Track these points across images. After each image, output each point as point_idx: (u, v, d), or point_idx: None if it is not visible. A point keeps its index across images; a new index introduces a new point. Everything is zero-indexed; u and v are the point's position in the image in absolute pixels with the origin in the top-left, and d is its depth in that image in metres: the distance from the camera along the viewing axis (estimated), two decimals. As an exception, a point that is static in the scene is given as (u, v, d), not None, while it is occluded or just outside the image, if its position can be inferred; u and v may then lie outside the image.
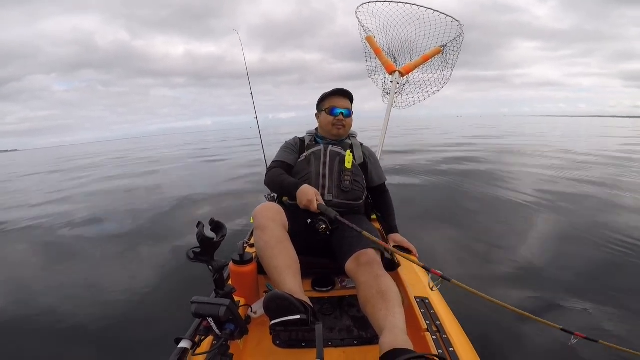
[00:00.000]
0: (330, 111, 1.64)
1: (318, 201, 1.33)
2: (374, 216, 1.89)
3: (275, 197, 1.90)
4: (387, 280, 1.12)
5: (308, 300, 1.07)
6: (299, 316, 0.96)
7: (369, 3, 2.80)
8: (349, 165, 1.56)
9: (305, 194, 1.35)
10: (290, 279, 1.15)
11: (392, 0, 2.75)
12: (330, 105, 1.65)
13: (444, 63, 2.74)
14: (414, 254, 1.57)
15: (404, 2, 2.74)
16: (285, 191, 1.51)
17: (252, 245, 1.59)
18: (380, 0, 2.78)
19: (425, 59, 2.69)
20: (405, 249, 1.59)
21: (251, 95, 2.97)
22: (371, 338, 1.27)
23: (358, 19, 2.81)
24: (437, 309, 1.13)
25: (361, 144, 1.75)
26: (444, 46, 2.70)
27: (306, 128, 1.83)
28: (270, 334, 1.27)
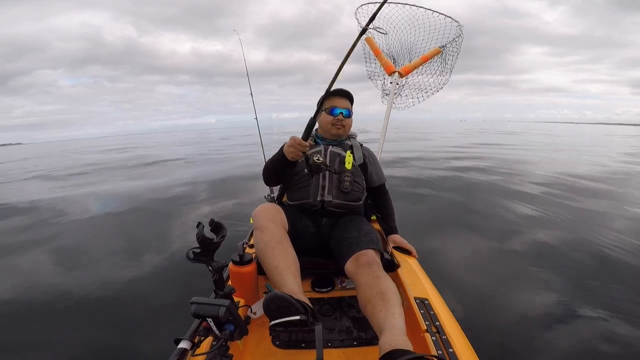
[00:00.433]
0: (330, 111, 1.64)
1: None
2: (374, 217, 1.89)
3: (275, 198, 1.90)
4: (387, 281, 1.12)
5: (308, 301, 1.07)
6: (298, 317, 0.96)
7: (368, 4, 2.80)
8: (349, 166, 1.56)
9: (288, 142, 1.43)
10: (290, 279, 1.15)
11: (392, 1, 2.75)
12: (330, 105, 1.65)
13: (443, 64, 2.74)
14: (413, 255, 1.57)
15: (403, 3, 2.75)
16: (275, 163, 1.53)
17: (252, 246, 1.59)
18: (380, 1, 2.78)
19: (425, 60, 2.69)
20: (405, 250, 1.60)
21: (251, 96, 2.97)
22: (371, 339, 1.27)
23: (357, 20, 2.81)
24: (437, 309, 1.13)
25: (361, 145, 1.75)
26: (443, 47, 2.71)
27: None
28: (270, 334, 1.27)
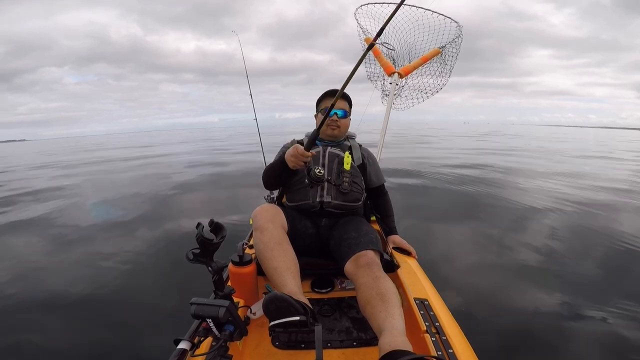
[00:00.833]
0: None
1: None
2: (373, 217, 1.89)
3: (275, 199, 1.89)
4: (387, 281, 1.12)
5: (307, 302, 1.07)
6: (298, 317, 0.96)
7: (367, 4, 2.81)
8: (347, 166, 1.56)
9: (290, 150, 1.41)
10: (290, 280, 1.15)
11: (391, 2, 2.75)
12: (326, 105, 1.64)
13: (442, 64, 2.74)
14: (413, 256, 1.57)
15: (403, 4, 2.75)
16: (276, 169, 1.53)
17: (252, 247, 1.59)
18: (379, 2, 2.78)
19: (424, 61, 2.69)
20: (405, 250, 1.60)
21: (250, 96, 2.97)
22: (370, 339, 1.27)
23: (357, 20, 2.82)
24: (437, 310, 1.13)
25: (360, 146, 1.75)
26: (442, 47, 2.71)
27: (312, 129, 1.82)
28: (270, 335, 1.27)
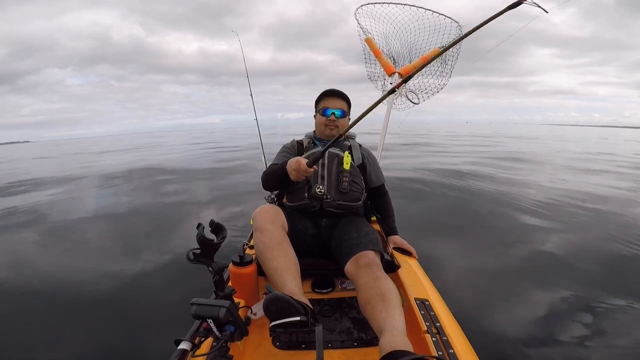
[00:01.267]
0: (323, 112, 1.65)
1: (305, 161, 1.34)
2: (374, 218, 1.89)
3: (275, 199, 1.90)
4: (387, 282, 1.12)
5: (308, 302, 1.07)
6: (298, 318, 0.96)
7: (367, 4, 2.80)
8: (347, 166, 1.56)
9: (294, 162, 1.35)
10: (290, 280, 1.15)
11: (391, 2, 2.75)
12: (324, 106, 1.66)
13: (443, 64, 2.74)
14: (413, 256, 1.57)
15: (402, 4, 2.75)
16: (277, 175, 1.50)
17: (252, 247, 1.60)
18: (379, 2, 2.78)
19: (425, 61, 2.69)
20: (406, 250, 1.60)
21: (251, 97, 2.98)
22: (371, 340, 1.27)
23: (357, 20, 2.82)
24: (437, 310, 1.13)
25: (360, 145, 1.75)
26: (443, 47, 2.71)
27: (313, 128, 1.82)
28: (270, 335, 1.27)
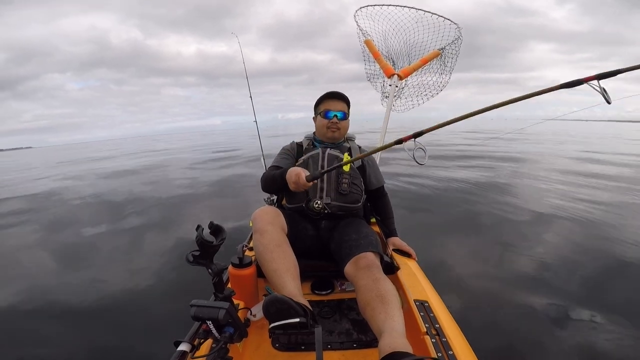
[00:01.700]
0: (325, 114, 1.65)
1: (305, 174, 1.34)
2: (373, 219, 1.89)
3: (275, 201, 1.90)
4: (386, 283, 1.12)
5: (307, 304, 1.07)
6: (298, 319, 0.96)
7: (367, 7, 2.82)
8: (347, 168, 1.56)
9: (293, 173, 1.35)
10: (290, 282, 1.15)
11: (391, 4, 2.76)
12: (325, 108, 1.65)
13: (442, 66, 2.75)
14: (413, 258, 1.57)
15: (402, 6, 2.76)
16: (277, 182, 1.50)
17: (252, 249, 1.60)
18: (379, 4, 2.79)
19: (424, 62, 2.70)
20: (405, 252, 1.60)
21: (250, 98, 2.98)
22: (370, 341, 1.27)
23: (357, 22, 2.83)
24: (437, 312, 1.13)
25: (359, 147, 1.75)
26: (442, 49, 2.72)
27: (313, 129, 1.83)
28: (270, 337, 1.27)
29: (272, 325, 0.99)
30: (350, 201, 1.55)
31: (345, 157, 1.58)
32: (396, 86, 2.63)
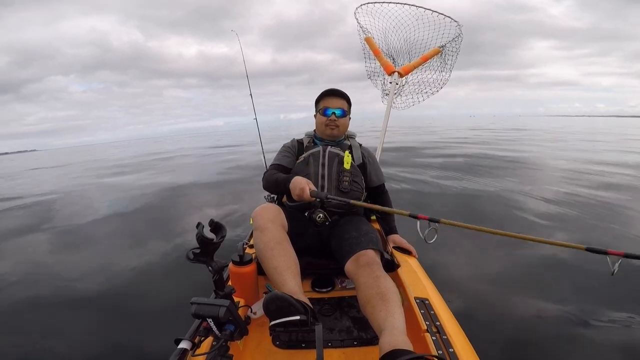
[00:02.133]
0: (324, 112, 1.65)
1: (310, 188, 1.36)
2: (374, 217, 1.89)
3: (275, 198, 1.90)
4: (387, 281, 1.12)
5: (308, 301, 1.07)
6: (298, 317, 0.96)
7: (367, 4, 2.81)
8: (347, 166, 1.56)
9: (298, 184, 1.38)
10: (290, 279, 1.15)
11: (391, 1, 2.75)
12: (324, 105, 1.66)
13: (442, 63, 2.74)
14: (413, 255, 1.57)
15: (402, 3, 2.75)
16: (279, 187, 1.52)
17: (252, 246, 1.60)
18: (379, 1, 2.78)
19: (424, 60, 2.70)
20: (405, 249, 1.60)
21: (250, 96, 2.98)
22: (371, 339, 1.27)
23: (357, 19, 2.82)
24: (437, 309, 1.13)
25: (360, 145, 1.75)
26: (442, 47, 2.71)
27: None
28: (270, 334, 1.27)
29: (273, 322, 0.99)
30: (350, 199, 1.54)
31: (346, 155, 1.58)
32: (396, 84, 2.62)
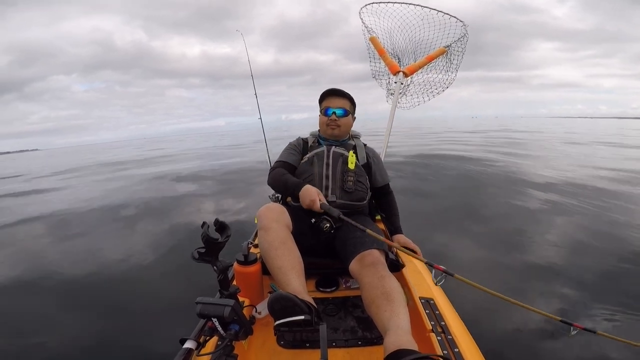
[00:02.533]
0: (325, 111, 1.65)
1: (321, 201, 1.34)
2: (378, 217, 1.88)
3: (279, 198, 1.90)
4: (392, 281, 1.12)
5: (312, 301, 1.07)
6: (303, 317, 0.96)
7: (372, 4, 2.80)
8: (352, 165, 1.56)
9: (308, 194, 1.36)
10: (294, 279, 1.15)
11: (396, 1, 2.74)
12: (325, 105, 1.66)
13: (448, 63, 2.73)
14: (418, 255, 1.56)
15: (407, 3, 2.74)
16: (288, 191, 1.51)
17: (257, 246, 1.60)
18: (384, 1, 2.78)
19: (430, 60, 2.68)
20: (410, 249, 1.59)
21: (255, 95, 2.98)
22: (375, 339, 1.27)
23: (362, 19, 2.81)
24: (442, 309, 1.13)
25: (365, 145, 1.75)
26: (448, 47, 2.70)
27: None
28: (275, 334, 1.27)
29: (277, 322, 0.99)
30: (355, 199, 1.54)
31: (350, 155, 1.58)
32: (402, 83, 2.61)
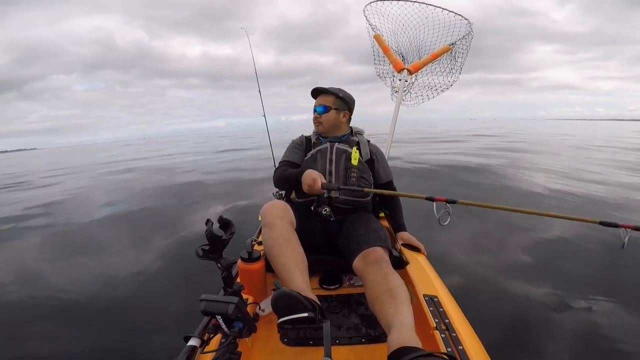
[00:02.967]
0: (313, 110, 1.70)
1: (322, 181, 1.38)
2: (382, 214, 1.88)
3: (283, 195, 1.90)
4: (395, 278, 1.12)
5: (316, 298, 1.07)
6: (306, 314, 0.96)
7: (377, 2, 2.79)
8: (355, 162, 1.56)
9: (310, 175, 1.39)
10: (298, 276, 1.15)
11: (401, -1, 2.73)
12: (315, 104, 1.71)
13: (452, 61, 2.71)
14: (422, 252, 1.57)
15: (412, 1, 2.73)
16: (292, 182, 1.53)
17: (261, 243, 1.60)
18: (388, -1, 2.76)
19: (434, 57, 2.67)
20: (414, 247, 1.59)
21: (259, 93, 2.98)
22: (379, 336, 1.26)
23: (366, 17, 2.80)
24: (446, 307, 1.13)
25: (368, 141, 1.75)
26: (452, 44, 2.68)
27: None
28: (278, 331, 1.28)
29: (281, 320, 0.99)
30: (358, 195, 1.54)
31: (354, 151, 1.58)
32: (406, 81, 2.60)
